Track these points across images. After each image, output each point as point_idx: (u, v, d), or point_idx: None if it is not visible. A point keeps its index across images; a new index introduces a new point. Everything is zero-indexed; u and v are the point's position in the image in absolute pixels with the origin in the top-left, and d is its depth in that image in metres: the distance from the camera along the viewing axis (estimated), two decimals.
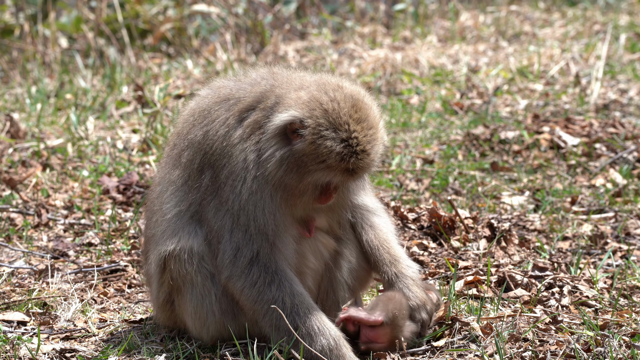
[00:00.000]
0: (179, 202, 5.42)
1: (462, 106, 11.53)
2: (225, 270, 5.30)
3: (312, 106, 5.17)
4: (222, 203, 5.29)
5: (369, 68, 12.99)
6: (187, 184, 5.42)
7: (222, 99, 5.45)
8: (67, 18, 14.96)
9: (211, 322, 5.43)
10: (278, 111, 5.22)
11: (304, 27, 16.01)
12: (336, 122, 5.14)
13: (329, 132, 5.14)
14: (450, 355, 5.44)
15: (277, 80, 5.42)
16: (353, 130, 5.15)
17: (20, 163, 9.23)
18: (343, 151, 5.13)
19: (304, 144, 5.16)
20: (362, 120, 5.19)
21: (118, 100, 11.47)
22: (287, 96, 5.27)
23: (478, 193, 8.68)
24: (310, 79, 5.37)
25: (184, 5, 14.85)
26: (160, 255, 5.45)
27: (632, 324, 5.78)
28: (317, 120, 5.15)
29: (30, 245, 7.49)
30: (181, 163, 5.46)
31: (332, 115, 5.15)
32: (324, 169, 5.17)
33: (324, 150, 5.13)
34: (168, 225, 5.43)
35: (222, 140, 5.32)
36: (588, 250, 7.35)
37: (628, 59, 13.74)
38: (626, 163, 9.31)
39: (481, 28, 15.60)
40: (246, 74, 5.58)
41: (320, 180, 5.22)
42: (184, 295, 5.44)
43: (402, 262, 5.63)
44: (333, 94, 5.21)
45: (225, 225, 5.29)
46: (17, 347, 5.54)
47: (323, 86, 5.26)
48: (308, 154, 5.16)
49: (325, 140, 5.13)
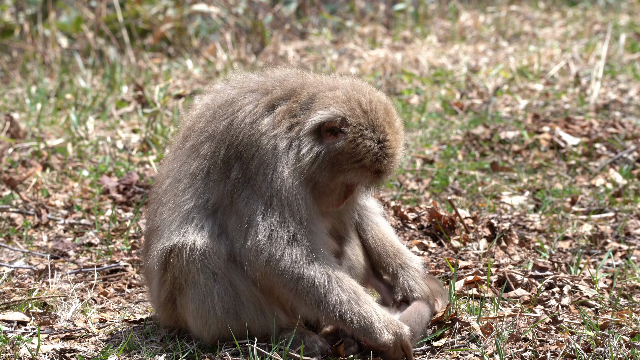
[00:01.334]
0: (198, 196, 5.36)
1: (462, 106, 11.53)
2: (264, 252, 5.24)
3: (352, 106, 5.27)
4: (254, 191, 5.27)
5: (369, 68, 12.99)
6: (208, 176, 5.36)
7: (248, 91, 5.43)
8: (67, 18, 14.96)
9: (213, 321, 5.42)
10: (316, 108, 5.27)
11: (304, 27, 16.01)
12: (374, 123, 5.27)
13: (368, 132, 5.25)
14: (450, 355, 5.44)
15: (306, 79, 5.47)
16: (387, 133, 5.28)
17: (20, 163, 9.23)
18: (379, 152, 5.26)
19: (344, 142, 5.24)
20: (392, 125, 5.33)
21: (118, 100, 11.47)
22: (321, 94, 5.32)
23: (478, 193, 8.68)
24: (342, 81, 5.46)
25: (184, 5, 14.85)
26: (163, 251, 5.40)
27: (632, 324, 5.78)
28: (357, 119, 5.26)
29: (30, 245, 7.49)
30: (200, 155, 5.38)
31: (371, 116, 5.28)
32: (358, 168, 5.27)
33: (362, 149, 5.24)
34: (178, 217, 5.36)
35: (248, 129, 5.30)
36: (588, 250, 7.35)
37: (628, 59, 13.74)
38: (626, 163, 9.32)
39: (481, 28, 15.60)
40: (272, 71, 5.59)
41: (351, 180, 5.31)
42: (186, 294, 5.42)
43: (406, 254, 5.69)
44: (369, 96, 5.33)
45: (258, 210, 5.25)
46: (17, 347, 5.54)
47: (358, 88, 5.37)
48: (346, 152, 5.25)
49: (365, 139, 5.25)
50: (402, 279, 5.63)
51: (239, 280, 5.36)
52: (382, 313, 5.28)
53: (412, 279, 5.62)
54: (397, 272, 5.64)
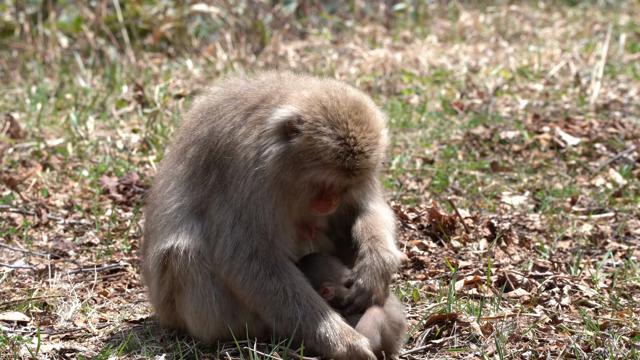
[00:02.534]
0: (181, 197, 5.43)
1: (462, 106, 11.52)
2: (225, 265, 5.32)
3: (312, 103, 5.21)
4: (227, 199, 5.31)
5: (369, 68, 12.98)
6: (191, 180, 5.43)
7: (231, 97, 5.48)
8: (67, 18, 14.96)
9: (211, 321, 5.43)
10: (278, 107, 5.25)
11: (304, 27, 16.01)
12: (334, 120, 5.16)
13: (325, 128, 5.16)
14: (451, 355, 5.44)
15: (283, 83, 5.47)
16: (351, 130, 5.16)
17: (20, 163, 9.23)
18: (339, 149, 5.14)
19: (300, 139, 5.17)
20: (362, 123, 5.20)
21: (118, 100, 11.47)
22: (289, 95, 5.31)
23: (478, 193, 8.68)
24: (316, 82, 5.42)
25: (184, 5, 14.85)
26: (160, 253, 5.45)
27: (632, 324, 5.78)
28: (314, 116, 5.17)
29: (30, 245, 7.49)
30: (186, 158, 5.48)
31: (331, 112, 5.18)
32: (320, 166, 5.17)
33: (319, 146, 5.15)
34: (168, 221, 5.44)
35: (227, 137, 5.35)
36: (588, 250, 7.35)
37: (628, 59, 13.74)
38: (626, 163, 9.31)
39: (481, 28, 15.60)
40: (257, 76, 5.62)
41: (316, 179, 5.21)
42: (184, 295, 5.44)
43: (383, 244, 5.42)
44: (335, 94, 5.24)
45: (227, 220, 5.30)
46: (17, 347, 5.54)
47: (326, 87, 5.31)
48: (304, 150, 5.17)
49: (321, 136, 5.15)
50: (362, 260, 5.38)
51: None
52: (338, 326, 5.23)
53: (370, 263, 5.35)
54: (363, 254, 5.39)
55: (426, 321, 5.73)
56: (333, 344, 5.21)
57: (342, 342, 5.21)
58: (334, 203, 5.32)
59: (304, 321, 5.23)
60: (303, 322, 5.23)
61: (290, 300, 5.25)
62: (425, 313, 5.96)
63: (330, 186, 5.26)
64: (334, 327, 5.23)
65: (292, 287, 5.27)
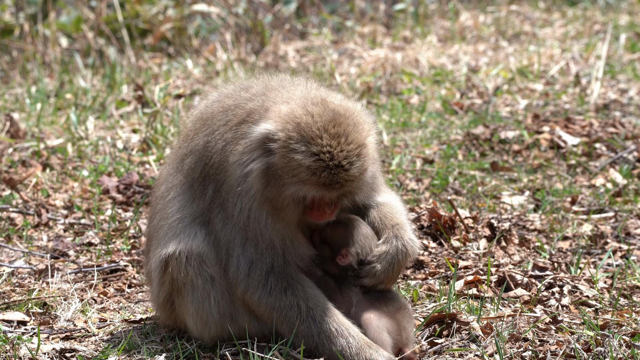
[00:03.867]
0: (182, 208, 5.44)
1: (462, 106, 11.52)
2: (241, 284, 5.32)
3: (287, 119, 5.09)
4: (228, 217, 5.30)
5: (369, 68, 12.98)
6: (190, 191, 5.44)
7: (225, 109, 5.45)
8: (67, 18, 14.96)
9: (212, 323, 5.45)
10: (257, 124, 5.18)
11: (304, 27, 16.01)
12: (307, 136, 5.05)
13: (299, 145, 5.05)
14: (451, 355, 5.44)
15: (268, 96, 5.37)
16: (325, 145, 5.04)
17: (20, 163, 9.23)
18: (313, 165, 5.04)
19: (275, 157, 5.11)
20: (340, 136, 5.06)
21: (118, 100, 11.47)
22: (270, 109, 5.23)
23: (478, 193, 8.68)
24: (298, 93, 5.29)
25: (184, 5, 14.85)
26: (161, 257, 5.46)
27: (632, 324, 5.78)
28: (288, 133, 5.07)
29: (30, 245, 7.49)
30: (183, 169, 5.49)
31: (305, 128, 5.06)
32: (298, 182, 5.09)
33: (294, 164, 5.06)
34: (170, 228, 5.45)
35: (219, 153, 5.33)
36: (588, 250, 7.35)
37: (628, 59, 13.74)
38: (626, 163, 9.31)
39: (481, 28, 15.60)
40: (248, 87, 5.53)
41: (297, 194, 5.13)
42: (184, 297, 5.45)
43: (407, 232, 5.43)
44: (312, 107, 5.12)
45: (235, 239, 5.30)
46: (17, 347, 5.54)
47: (305, 100, 5.18)
48: (282, 167, 5.10)
49: (295, 154, 5.05)
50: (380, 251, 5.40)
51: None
52: (355, 342, 5.20)
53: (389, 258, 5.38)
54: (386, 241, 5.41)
55: (426, 321, 5.73)
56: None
57: (359, 358, 5.20)
58: (328, 212, 5.25)
59: (319, 339, 5.23)
60: (319, 340, 5.23)
61: (305, 316, 5.24)
62: (425, 313, 5.95)
63: (319, 199, 5.19)
64: (350, 343, 5.21)
65: (306, 302, 5.26)
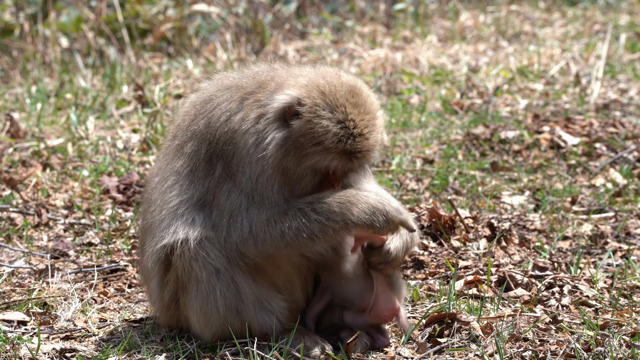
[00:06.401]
0: (183, 191, 5.43)
1: (462, 106, 11.53)
2: (248, 241, 5.31)
3: (310, 88, 5.27)
4: (236, 185, 5.33)
5: (369, 68, 12.99)
6: (193, 174, 5.43)
7: (225, 88, 5.53)
8: (67, 18, 14.97)
9: (215, 318, 5.43)
10: (277, 94, 5.30)
11: (304, 27, 16.01)
12: (333, 104, 5.23)
13: (325, 112, 5.22)
14: (451, 355, 5.45)
15: (276, 72, 5.53)
16: (350, 113, 5.23)
17: (21, 163, 9.23)
18: (340, 132, 5.21)
19: (301, 122, 5.22)
20: (359, 105, 5.27)
21: (118, 100, 11.47)
22: (286, 82, 5.36)
23: (478, 193, 8.68)
24: (310, 69, 5.49)
25: (184, 5, 14.85)
26: (160, 250, 5.41)
27: (632, 324, 5.78)
28: (314, 100, 5.23)
29: (30, 245, 7.49)
30: (184, 153, 5.48)
31: (329, 96, 5.24)
32: (322, 151, 5.22)
33: (320, 129, 5.20)
34: (168, 213, 5.42)
35: (224, 126, 5.37)
36: (588, 250, 7.35)
37: (628, 59, 13.74)
38: (626, 163, 9.31)
39: (481, 28, 15.60)
40: (249, 67, 5.68)
41: (319, 164, 5.25)
42: (189, 293, 5.43)
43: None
44: (330, 79, 5.31)
45: (241, 205, 5.31)
46: (17, 347, 5.55)
47: (321, 73, 5.39)
48: (305, 134, 5.22)
49: (321, 119, 5.21)
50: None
51: (240, 277, 5.39)
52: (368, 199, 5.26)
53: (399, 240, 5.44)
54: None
55: (426, 321, 5.73)
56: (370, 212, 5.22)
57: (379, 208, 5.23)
58: (336, 187, 5.36)
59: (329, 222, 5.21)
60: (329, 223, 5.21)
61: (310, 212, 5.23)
62: (425, 313, 5.95)
63: (334, 171, 5.32)
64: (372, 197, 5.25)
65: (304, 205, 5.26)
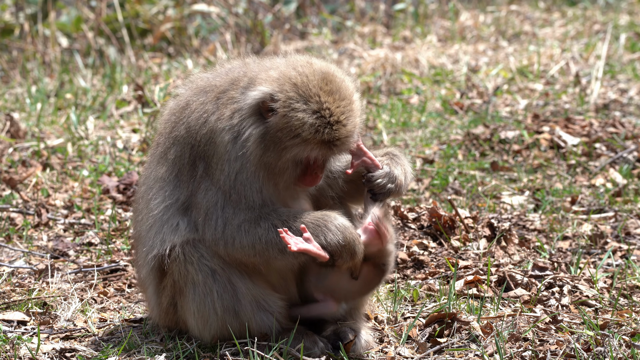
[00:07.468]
0: (167, 197, 5.45)
1: (462, 106, 11.53)
2: (220, 241, 5.33)
3: (282, 81, 5.26)
4: (213, 183, 5.35)
5: (369, 68, 12.99)
6: (177, 178, 5.46)
7: (200, 90, 5.55)
8: (67, 17, 14.96)
9: (213, 320, 5.43)
10: (249, 90, 5.30)
11: (304, 27, 16.01)
12: (306, 94, 5.22)
13: (299, 104, 5.22)
14: (450, 355, 5.45)
15: (248, 67, 5.53)
16: (324, 101, 5.23)
17: (20, 163, 9.23)
18: (316, 122, 5.21)
19: (276, 117, 5.22)
20: (334, 92, 5.26)
21: (118, 99, 11.47)
22: (258, 76, 5.35)
23: (478, 193, 8.68)
24: (281, 60, 5.46)
25: (184, 5, 14.85)
26: (152, 260, 5.44)
27: (632, 324, 5.78)
28: (287, 93, 5.22)
29: (30, 245, 7.49)
30: (168, 160, 5.50)
31: (302, 87, 5.23)
32: (300, 143, 5.23)
33: (296, 122, 5.20)
34: (154, 222, 5.45)
35: (203, 127, 5.39)
36: (588, 250, 7.35)
37: (628, 59, 13.74)
38: (626, 163, 9.31)
39: (481, 28, 15.60)
40: (222, 65, 5.69)
41: (299, 156, 5.26)
42: (186, 296, 5.44)
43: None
44: (301, 69, 5.30)
45: (218, 202, 5.33)
46: (17, 347, 5.54)
47: (292, 63, 5.36)
48: (282, 128, 5.22)
49: (297, 112, 5.21)
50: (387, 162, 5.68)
51: (236, 277, 5.40)
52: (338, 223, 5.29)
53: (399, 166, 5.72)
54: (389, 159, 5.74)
55: (426, 321, 5.73)
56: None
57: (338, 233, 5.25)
58: (320, 175, 5.38)
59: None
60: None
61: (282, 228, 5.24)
62: (425, 313, 5.96)
63: (315, 160, 5.32)
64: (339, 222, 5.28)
65: (279, 216, 5.28)
